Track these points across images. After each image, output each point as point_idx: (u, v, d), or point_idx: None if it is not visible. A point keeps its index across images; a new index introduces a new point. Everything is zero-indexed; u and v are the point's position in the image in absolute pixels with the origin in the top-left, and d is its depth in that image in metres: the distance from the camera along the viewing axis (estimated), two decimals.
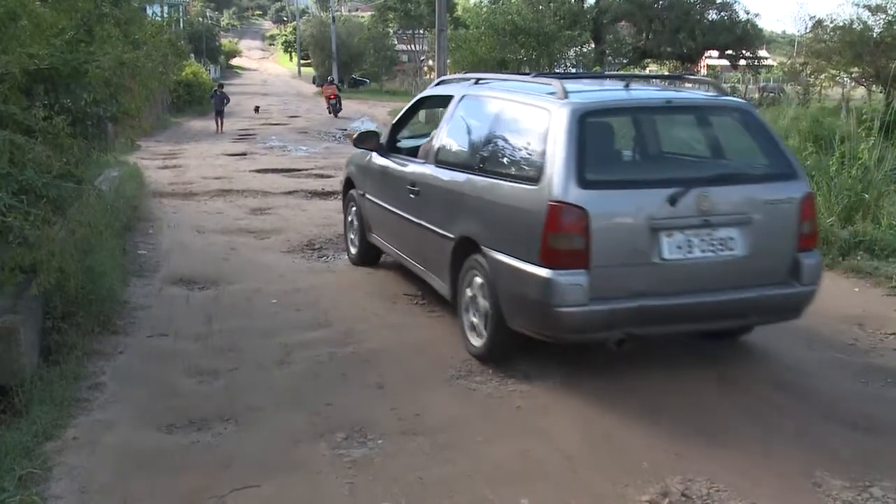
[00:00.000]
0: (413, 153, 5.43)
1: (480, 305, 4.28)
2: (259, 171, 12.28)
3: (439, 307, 5.22)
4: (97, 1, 5.05)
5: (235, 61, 67.88)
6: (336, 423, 3.52)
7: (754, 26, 34.15)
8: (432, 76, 30.01)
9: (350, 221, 6.46)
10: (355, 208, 6.29)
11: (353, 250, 6.41)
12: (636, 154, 4.73)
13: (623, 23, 34.37)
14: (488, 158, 4.46)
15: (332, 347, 4.49)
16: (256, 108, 27.69)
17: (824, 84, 28.54)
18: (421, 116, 8.41)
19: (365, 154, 6.05)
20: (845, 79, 27.56)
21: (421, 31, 50.30)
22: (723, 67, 45.57)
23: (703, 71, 46.27)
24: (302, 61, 61.59)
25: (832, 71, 26.88)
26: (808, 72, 28.07)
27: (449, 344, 4.53)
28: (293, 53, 68.82)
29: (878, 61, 23.37)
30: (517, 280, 3.93)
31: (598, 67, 20.76)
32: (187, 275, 5.99)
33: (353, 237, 6.39)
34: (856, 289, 5.60)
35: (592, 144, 4.01)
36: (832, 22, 25.95)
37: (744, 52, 34.74)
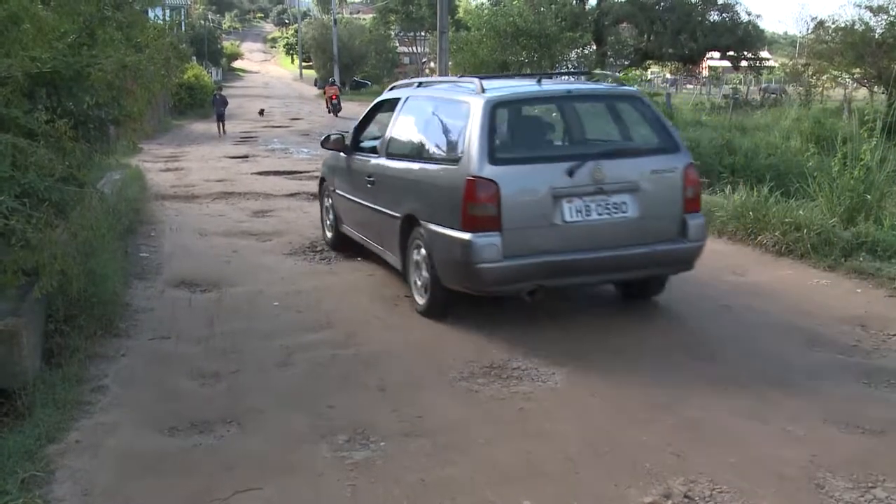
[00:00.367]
0: (373, 151, 6.11)
1: (422, 270, 5.03)
2: (261, 174, 12.30)
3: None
4: (99, 4, 5.06)
5: (237, 64, 67.92)
6: (338, 425, 3.52)
7: (756, 27, 34.10)
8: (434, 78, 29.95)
9: (325, 211, 7.32)
10: (328, 202, 7.13)
11: (329, 234, 7.25)
12: (541, 135, 5.49)
13: (624, 24, 34.34)
14: (424, 147, 5.35)
15: (334, 349, 4.49)
16: (261, 111, 27.52)
17: (826, 85, 28.51)
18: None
19: (336, 155, 6.78)
20: (847, 80, 27.53)
21: (422, 34, 50.38)
22: (724, 69, 45.59)
23: (705, 72, 46.28)
24: (303, 64, 61.64)
25: (834, 72, 26.86)
26: (810, 73, 28.05)
27: (451, 346, 4.53)
28: (295, 56, 68.90)
29: (880, 62, 23.36)
30: (446, 244, 4.70)
31: (600, 69, 20.76)
32: (189, 277, 6.00)
33: (329, 225, 7.22)
34: (858, 290, 5.60)
35: (502, 129, 5.05)
36: (834, 23, 25.93)
37: (745, 54, 34.70)
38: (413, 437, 3.42)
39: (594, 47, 33.14)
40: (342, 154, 6.58)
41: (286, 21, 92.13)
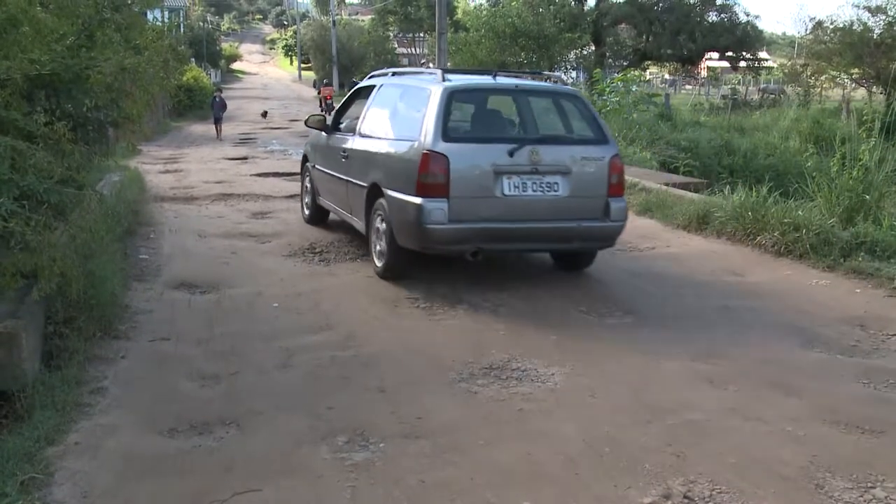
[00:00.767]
0: (350, 130, 6.90)
1: (382, 239, 5.82)
2: (260, 175, 12.30)
3: (441, 310, 5.23)
4: (98, 6, 5.07)
5: (236, 65, 67.83)
6: (337, 427, 3.52)
7: (754, 28, 34.17)
8: None
9: (305, 188, 8.15)
10: (308, 178, 7.95)
11: (307, 211, 8.10)
12: (489, 120, 6.21)
13: (623, 25, 34.39)
14: (392, 126, 6.19)
15: (334, 351, 4.49)
16: (264, 113, 26.86)
17: (825, 85, 28.57)
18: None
19: (318, 135, 7.68)
20: (846, 80, 27.58)
21: (421, 35, 50.44)
22: (723, 69, 45.64)
23: (704, 73, 46.31)
24: (302, 65, 61.62)
25: (832, 72, 26.91)
26: (809, 73, 28.11)
27: (451, 347, 4.53)
28: (294, 57, 68.86)
29: (879, 62, 23.41)
30: (402, 208, 5.48)
31: (599, 70, 20.79)
32: (188, 279, 6.00)
33: (307, 201, 8.06)
34: (857, 290, 5.60)
35: (456, 112, 5.82)
36: (832, 23, 26.00)
37: (744, 54, 34.77)
38: (413, 439, 3.42)
39: (593, 48, 33.19)
40: (323, 133, 7.47)
41: (285, 22, 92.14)
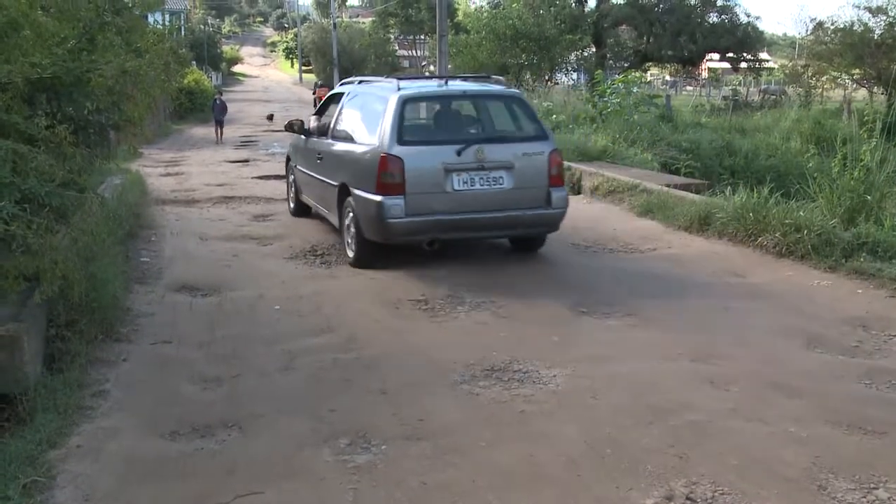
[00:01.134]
0: (323, 134, 7.57)
1: (351, 231, 6.43)
2: (261, 178, 12.30)
3: (442, 312, 5.23)
4: (99, 9, 5.07)
5: (237, 68, 67.85)
6: (339, 429, 3.52)
7: (755, 29, 34.18)
8: None
9: (289, 186, 8.95)
10: (292, 177, 8.74)
11: (292, 205, 8.86)
12: (439, 124, 6.87)
13: (624, 27, 34.41)
14: (355, 131, 6.88)
15: (335, 353, 4.49)
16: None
17: (825, 86, 28.55)
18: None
19: (298, 138, 8.39)
20: (846, 81, 27.56)
21: (422, 37, 50.50)
22: (724, 70, 45.62)
23: (705, 74, 46.30)
24: (303, 68, 61.67)
25: (833, 73, 26.90)
26: (810, 74, 28.10)
27: (452, 349, 4.53)
28: (294, 60, 68.90)
29: (880, 63, 23.40)
30: (366, 205, 6.14)
31: (600, 71, 20.77)
32: (190, 282, 6.00)
33: (292, 197, 8.85)
34: (859, 290, 5.59)
35: (409, 118, 6.47)
36: (833, 24, 26.00)
37: (745, 55, 34.79)
38: (414, 441, 3.42)
39: (594, 49, 33.21)
40: (302, 136, 8.18)
41: (286, 25, 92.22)
